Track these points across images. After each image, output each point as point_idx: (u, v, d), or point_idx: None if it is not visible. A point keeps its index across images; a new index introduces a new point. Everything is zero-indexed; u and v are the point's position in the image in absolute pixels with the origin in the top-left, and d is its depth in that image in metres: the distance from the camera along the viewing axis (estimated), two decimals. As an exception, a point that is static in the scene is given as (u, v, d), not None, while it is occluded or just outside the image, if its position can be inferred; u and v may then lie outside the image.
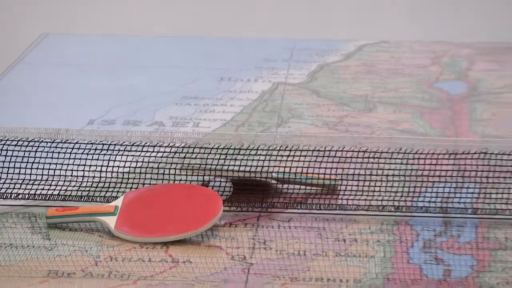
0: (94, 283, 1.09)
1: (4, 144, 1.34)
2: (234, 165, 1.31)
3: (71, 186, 1.32)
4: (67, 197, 1.30)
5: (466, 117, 1.63)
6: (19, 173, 1.33)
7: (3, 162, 1.33)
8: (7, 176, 1.32)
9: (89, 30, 2.60)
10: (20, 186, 1.31)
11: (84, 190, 1.32)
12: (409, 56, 1.97)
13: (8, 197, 1.30)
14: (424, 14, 2.83)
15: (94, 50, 2.09)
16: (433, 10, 2.84)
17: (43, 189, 1.31)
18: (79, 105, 1.70)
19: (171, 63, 1.98)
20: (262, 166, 1.31)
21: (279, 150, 1.33)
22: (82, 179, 1.33)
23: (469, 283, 1.10)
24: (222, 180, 1.31)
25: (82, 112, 1.64)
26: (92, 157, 1.34)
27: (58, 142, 1.35)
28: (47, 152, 1.34)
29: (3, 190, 1.31)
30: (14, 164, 1.33)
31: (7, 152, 1.33)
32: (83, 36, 2.32)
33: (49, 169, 1.33)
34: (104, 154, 1.34)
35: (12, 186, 1.31)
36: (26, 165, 1.33)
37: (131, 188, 1.30)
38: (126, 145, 1.35)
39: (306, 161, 1.32)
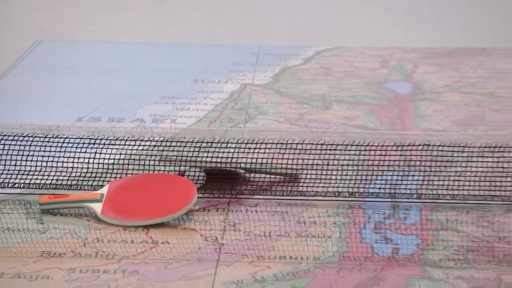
0: (83, 262, 1.08)
1: (1, 139, 1.33)
2: (207, 157, 1.30)
3: (61, 176, 1.31)
4: (58, 186, 1.30)
5: (411, 113, 1.64)
6: (15, 165, 1.32)
7: (1, 155, 1.32)
8: (4, 167, 1.31)
9: (78, 38, 2.59)
10: (16, 177, 1.30)
11: (73, 180, 1.31)
12: (360, 60, 1.97)
13: (6, 186, 1.29)
14: (374, 22, 2.83)
15: (83, 56, 2.08)
16: (381, 19, 2.84)
17: (36, 179, 1.30)
18: (69, 104, 1.69)
19: (151, 67, 1.97)
20: (232, 158, 1.30)
21: (246, 143, 1.32)
22: (72, 170, 1.32)
23: (415, 260, 1.10)
24: (196, 170, 1.31)
25: (72, 110, 1.63)
26: (81, 150, 1.34)
27: (50, 137, 1.34)
28: (40, 146, 1.33)
29: (0, 180, 1.30)
30: (11, 157, 1.32)
31: (4, 146, 1.32)
32: (73, 43, 2.30)
33: (42, 161, 1.32)
34: (91, 148, 1.34)
35: (9, 176, 1.30)
36: (22, 158, 1.32)
37: (115, 177, 1.30)
38: (111, 139, 1.35)
39: (271, 153, 1.31)
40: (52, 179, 1.31)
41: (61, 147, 1.34)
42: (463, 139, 1.34)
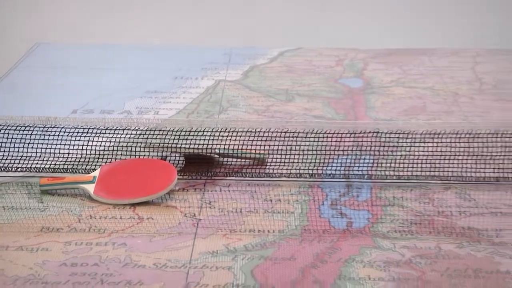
0: (78, 236, 1.07)
1: (5, 129, 1.32)
2: (185, 144, 1.30)
3: (59, 161, 1.30)
4: (56, 169, 1.28)
5: (363, 105, 1.63)
6: (18, 152, 1.30)
7: (5, 143, 1.31)
8: (8, 153, 1.30)
9: (73, 40, 2.57)
10: (19, 162, 1.29)
11: (69, 164, 1.30)
12: (318, 59, 1.97)
13: (9, 170, 1.27)
14: (330, 27, 2.83)
15: (77, 56, 2.07)
16: (336, 23, 2.84)
17: (37, 163, 1.29)
18: (65, 99, 1.67)
19: (136, 66, 1.96)
20: (207, 144, 1.30)
21: (220, 131, 1.32)
22: (68, 155, 1.31)
23: (366, 232, 1.10)
24: (176, 155, 1.30)
25: (67, 104, 1.61)
26: (75, 138, 1.33)
27: (48, 127, 1.33)
28: (40, 134, 1.32)
29: (5, 165, 1.28)
30: (14, 145, 1.31)
31: (8, 135, 1.31)
32: (68, 45, 2.28)
33: (41, 148, 1.31)
34: (85, 136, 1.33)
35: (12, 161, 1.29)
36: (23, 145, 1.31)
37: (106, 162, 1.29)
38: (102, 129, 1.34)
39: (241, 140, 1.31)
40: (50, 164, 1.29)
41: (58, 135, 1.33)
42: (407, 127, 1.35)
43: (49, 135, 1.33)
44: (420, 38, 2.66)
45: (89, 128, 1.34)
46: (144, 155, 1.31)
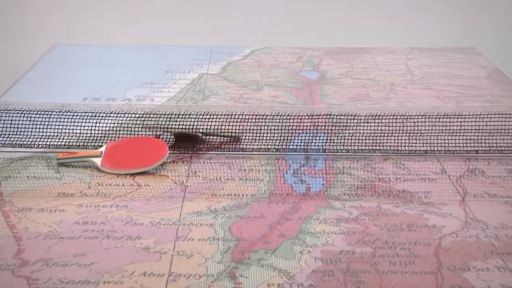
0: (88, 200, 1.07)
1: (29, 113, 1.30)
2: (175, 124, 1.28)
3: (72, 139, 1.29)
4: (70, 146, 1.27)
5: (318, 93, 1.63)
6: (38, 132, 1.29)
7: (28, 125, 1.29)
8: (31, 133, 1.28)
9: (83, 41, 2.54)
10: (40, 140, 1.27)
11: (80, 141, 1.28)
12: (282, 56, 1.95)
13: (32, 146, 1.26)
14: (291, 29, 2.82)
15: (87, 54, 2.04)
16: (296, 26, 2.83)
17: (54, 141, 1.28)
18: (77, 89, 1.65)
19: (135, 62, 1.94)
20: (193, 125, 1.29)
21: (203, 114, 1.31)
22: (79, 135, 1.30)
23: (322, 195, 1.10)
24: (168, 134, 1.29)
25: (79, 93, 1.60)
26: (85, 120, 1.32)
27: (63, 112, 1.32)
28: (56, 118, 1.31)
29: (28, 142, 1.27)
30: (36, 126, 1.30)
31: (30, 118, 1.30)
32: (80, 45, 2.25)
33: (58, 128, 1.30)
34: (93, 118, 1.32)
35: (34, 140, 1.27)
36: (43, 126, 1.30)
37: (110, 139, 1.27)
38: (107, 113, 1.32)
39: (220, 121, 1.30)
40: (65, 141, 1.28)
41: (71, 118, 1.32)
42: (354, 110, 1.34)
43: (64, 118, 1.31)
44: (364, 38, 2.66)
45: (96, 112, 1.32)
46: (142, 134, 1.29)
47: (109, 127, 1.30)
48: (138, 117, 1.32)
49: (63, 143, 1.27)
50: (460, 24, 2.84)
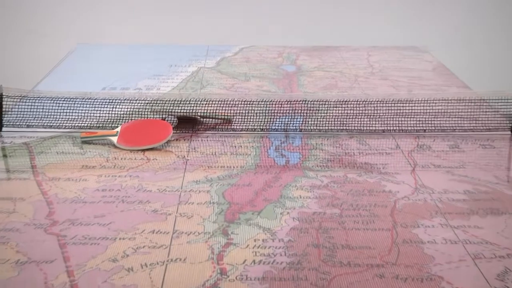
0: (106, 171, 1.06)
1: (57, 101, 1.29)
2: (178, 109, 1.27)
3: (93, 121, 1.27)
4: (91, 127, 1.25)
5: (296, 83, 1.62)
6: (66, 115, 1.28)
7: (57, 110, 1.28)
8: (59, 117, 1.27)
9: (101, 41, 2.51)
10: (66, 122, 1.26)
11: (100, 123, 1.27)
12: (266, 53, 1.94)
13: (60, 127, 1.25)
14: (273, 30, 2.80)
15: (105, 53, 2.02)
16: (276, 28, 2.81)
17: (78, 123, 1.26)
18: (96, 80, 1.64)
19: (145, 58, 1.92)
20: (193, 109, 1.27)
21: (201, 101, 1.29)
22: (99, 117, 1.28)
23: (298, 167, 1.10)
24: (172, 117, 1.28)
25: (98, 83, 1.58)
26: (104, 106, 1.30)
27: (85, 99, 1.31)
28: (80, 103, 1.30)
29: (57, 124, 1.26)
30: (63, 110, 1.28)
31: (59, 105, 1.28)
32: (98, 44, 2.23)
33: (81, 112, 1.29)
34: (110, 104, 1.30)
35: (62, 122, 1.26)
36: (70, 111, 1.28)
37: (124, 121, 1.25)
38: (121, 99, 1.31)
39: (215, 106, 1.29)
40: (87, 123, 1.27)
41: (92, 104, 1.30)
42: (325, 97, 1.34)
43: (86, 104, 1.30)
44: (333, 39, 2.64)
45: (113, 99, 1.31)
46: (150, 117, 1.28)
47: (124, 111, 1.29)
48: (147, 103, 1.31)
49: (85, 125, 1.26)
50: (411, 26, 2.83)
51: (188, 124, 1.27)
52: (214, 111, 1.29)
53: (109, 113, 1.28)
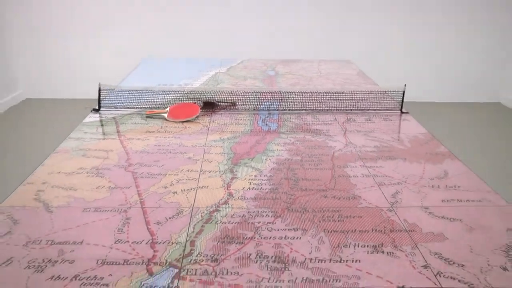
0: (160, 134, 1.04)
1: (132, 92, 1.26)
2: (203, 97, 1.25)
3: (152, 104, 1.24)
4: (152, 108, 1.22)
5: (275, 81, 1.59)
6: (137, 101, 1.24)
7: (131, 98, 1.25)
8: (133, 101, 1.24)
9: (158, 55, 2.46)
10: (137, 105, 1.23)
11: (157, 105, 1.23)
12: (257, 63, 1.90)
13: (134, 108, 1.22)
14: (261, 48, 2.74)
15: (160, 63, 1.97)
16: (262, 46, 2.75)
17: (144, 106, 1.23)
18: (156, 79, 1.60)
19: (185, 66, 1.87)
20: (212, 97, 1.26)
21: (217, 91, 1.28)
22: (156, 102, 1.25)
23: (276, 131, 1.09)
24: (199, 101, 1.25)
25: (157, 81, 1.54)
26: (160, 94, 1.27)
27: (148, 91, 1.27)
28: (146, 93, 1.26)
29: (132, 106, 1.22)
30: (135, 98, 1.25)
31: (133, 94, 1.25)
32: (157, 58, 2.17)
33: (146, 99, 1.25)
34: (163, 94, 1.27)
35: (135, 105, 1.23)
36: (139, 98, 1.25)
37: (171, 104, 1.23)
38: (170, 91, 1.29)
39: (226, 95, 1.27)
40: (149, 105, 1.23)
41: (153, 94, 1.27)
42: (293, 90, 1.32)
43: (149, 94, 1.27)
44: (297, 54, 2.60)
45: (164, 91, 1.29)
46: (186, 101, 1.25)
47: (170, 98, 1.27)
48: (185, 93, 1.29)
49: (148, 106, 1.23)
50: (344, 48, 2.78)
51: (209, 106, 1.25)
52: (225, 98, 1.27)
53: (162, 99, 1.26)
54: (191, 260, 0.61)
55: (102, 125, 1.13)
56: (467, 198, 0.77)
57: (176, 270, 0.59)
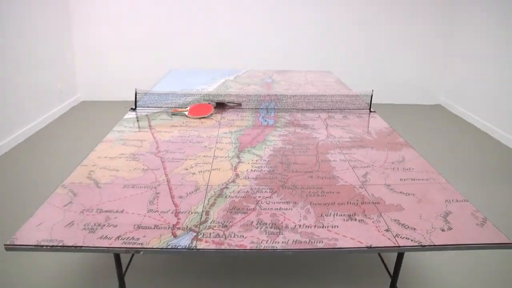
0: (182, 128, 1.02)
1: (162, 95, 1.23)
2: (216, 99, 1.23)
3: (176, 104, 1.22)
4: (176, 107, 1.20)
5: (272, 87, 1.56)
6: (165, 102, 1.22)
7: (159, 99, 1.23)
8: (162, 102, 1.22)
9: (183, 68, 2.42)
10: (164, 105, 1.21)
11: (180, 105, 1.21)
12: (258, 73, 1.88)
13: (162, 107, 1.20)
14: (261, 60, 2.68)
15: (183, 73, 1.94)
16: (261, 59, 2.70)
17: (170, 105, 1.20)
18: (180, 85, 1.57)
19: (202, 76, 1.84)
20: (223, 99, 1.23)
21: (226, 95, 1.26)
22: (179, 102, 1.23)
23: (273, 125, 1.07)
24: (212, 102, 1.23)
25: (181, 87, 1.52)
26: (181, 97, 1.25)
27: (173, 94, 1.25)
28: (172, 96, 1.24)
29: (161, 105, 1.20)
30: (163, 99, 1.23)
31: (161, 97, 1.23)
32: (182, 70, 2.13)
33: (171, 100, 1.23)
34: (185, 96, 1.25)
35: (163, 104, 1.21)
36: (166, 100, 1.23)
37: (191, 104, 1.20)
38: (190, 94, 1.26)
39: (234, 97, 1.25)
40: (174, 105, 1.21)
41: (177, 96, 1.25)
42: (287, 93, 1.30)
43: (174, 96, 1.25)
44: (289, 66, 2.55)
45: (185, 94, 1.26)
46: (203, 102, 1.23)
47: (190, 100, 1.24)
48: (201, 96, 1.26)
49: (173, 106, 1.21)
50: (325, 61, 2.74)
51: (220, 105, 1.23)
52: (233, 99, 1.24)
53: (184, 100, 1.24)
54: (206, 226, 0.61)
55: (137, 120, 1.12)
56: (418, 178, 0.77)
57: (195, 234, 0.59)
